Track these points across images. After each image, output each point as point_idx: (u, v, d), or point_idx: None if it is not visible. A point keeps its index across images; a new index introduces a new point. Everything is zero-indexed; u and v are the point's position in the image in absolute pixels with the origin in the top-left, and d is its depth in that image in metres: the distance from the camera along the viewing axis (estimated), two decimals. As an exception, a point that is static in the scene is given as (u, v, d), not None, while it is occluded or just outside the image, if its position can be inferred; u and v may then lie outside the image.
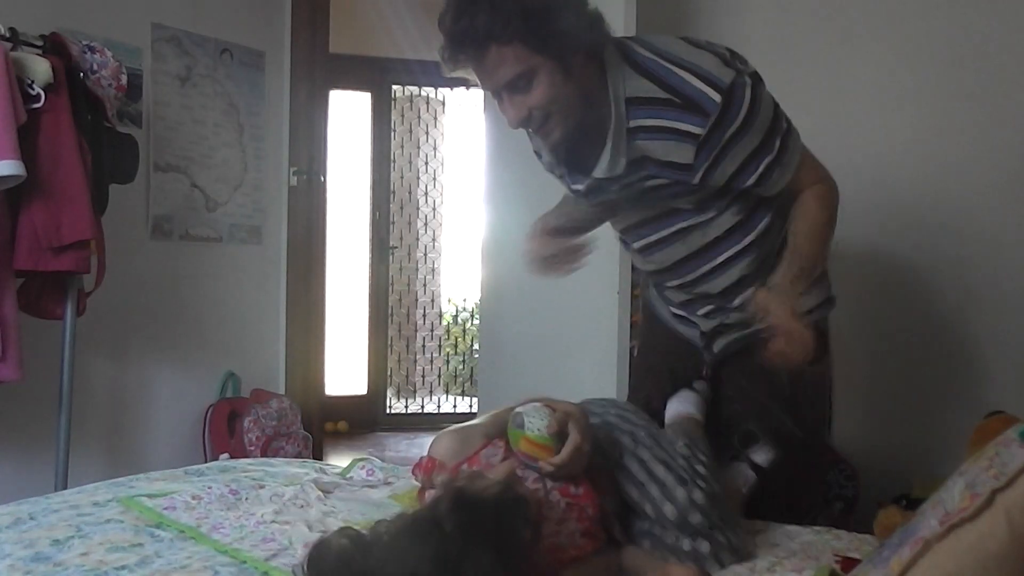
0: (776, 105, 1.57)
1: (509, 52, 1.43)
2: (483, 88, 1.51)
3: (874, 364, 2.78)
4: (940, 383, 2.67)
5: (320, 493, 1.65)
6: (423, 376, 6.01)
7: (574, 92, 1.49)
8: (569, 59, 1.46)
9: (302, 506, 1.58)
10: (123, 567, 1.25)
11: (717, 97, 1.47)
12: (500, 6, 1.40)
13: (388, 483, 1.81)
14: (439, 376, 6.10)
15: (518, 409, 1.36)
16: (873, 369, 2.77)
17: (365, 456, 2.06)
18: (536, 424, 1.32)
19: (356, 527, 1.40)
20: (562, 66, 1.46)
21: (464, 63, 1.47)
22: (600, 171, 1.57)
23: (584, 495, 1.32)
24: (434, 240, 6.02)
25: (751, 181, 1.57)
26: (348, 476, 1.87)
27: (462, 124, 5.89)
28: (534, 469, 1.30)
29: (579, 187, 1.64)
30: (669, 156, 1.53)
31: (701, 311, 1.79)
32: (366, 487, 1.78)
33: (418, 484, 1.40)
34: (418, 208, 5.92)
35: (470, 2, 1.42)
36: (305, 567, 1.04)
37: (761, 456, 1.68)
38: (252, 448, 3.38)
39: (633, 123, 1.52)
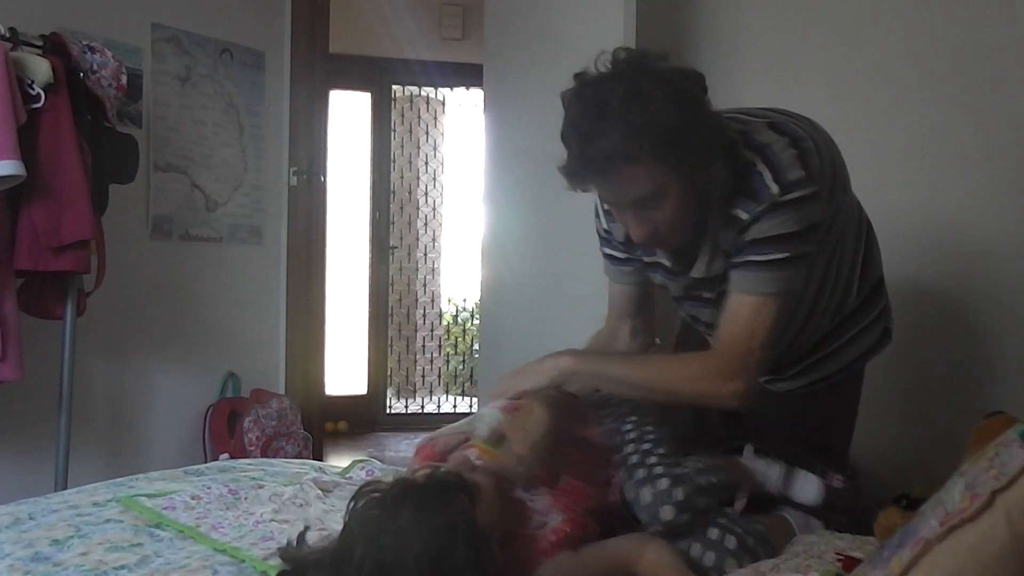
0: (806, 231, 1.45)
1: (642, 171, 1.35)
2: (604, 200, 1.48)
3: (874, 364, 2.77)
4: (940, 383, 2.67)
5: (320, 492, 1.65)
6: (423, 376, 6.01)
7: (698, 205, 1.44)
8: (702, 175, 1.40)
9: (301, 505, 1.58)
10: (122, 567, 1.25)
11: (776, 188, 1.40)
12: (635, 125, 1.30)
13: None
14: (439, 376, 6.10)
15: (481, 411, 1.41)
16: (873, 369, 2.77)
17: (365, 457, 2.06)
18: (481, 431, 1.37)
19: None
20: (695, 180, 1.40)
21: (592, 183, 1.40)
22: (698, 271, 1.52)
23: (559, 496, 1.33)
24: (434, 240, 6.03)
25: (746, 258, 1.45)
26: (348, 476, 1.87)
27: (462, 124, 5.89)
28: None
29: (674, 284, 1.59)
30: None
31: None
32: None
33: None
34: (418, 208, 5.92)
35: (600, 119, 1.33)
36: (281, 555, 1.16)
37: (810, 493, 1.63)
38: (252, 448, 3.38)
39: (745, 257, 1.45)
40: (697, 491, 1.38)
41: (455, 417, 5.94)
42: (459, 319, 6.38)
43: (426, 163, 5.88)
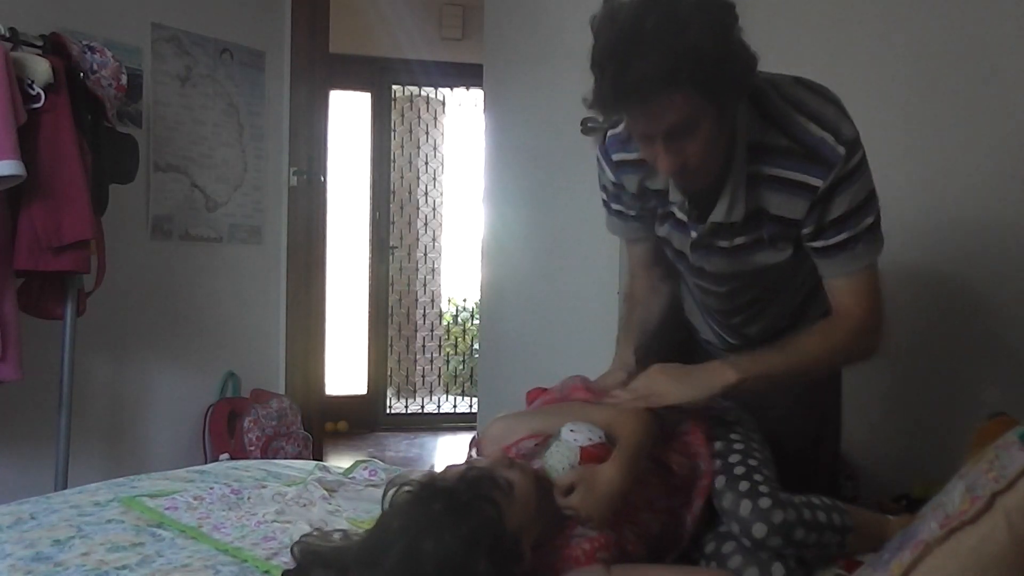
0: (874, 192, 1.47)
1: (680, 98, 1.29)
2: (634, 132, 1.42)
3: (874, 364, 2.77)
4: (940, 383, 2.67)
5: (324, 492, 1.65)
6: (423, 376, 6.01)
7: (727, 139, 1.41)
8: (733, 107, 1.38)
9: (304, 505, 1.58)
10: (124, 567, 1.25)
11: (842, 150, 1.39)
12: (675, 50, 1.26)
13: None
14: (439, 376, 6.10)
15: (566, 432, 1.32)
16: (873, 369, 2.77)
17: (366, 458, 2.06)
18: (552, 463, 1.29)
19: (363, 525, 1.41)
20: (725, 114, 1.37)
21: (626, 110, 1.36)
22: (718, 215, 1.47)
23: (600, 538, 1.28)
24: (434, 240, 6.02)
25: (837, 239, 1.44)
26: (351, 476, 1.87)
27: (462, 124, 5.89)
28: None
29: (693, 234, 1.54)
30: (781, 210, 1.45)
31: (729, 347, 1.73)
32: (369, 487, 1.78)
33: None
34: (418, 208, 5.92)
35: (635, 43, 1.27)
36: (295, 551, 1.15)
37: None
38: (252, 448, 3.38)
39: (752, 169, 1.44)
40: (799, 521, 1.34)
41: (455, 417, 5.94)
42: (459, 319, 6.38)
43: (426, 163, 5.88)
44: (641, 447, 1.35)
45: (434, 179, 5.91)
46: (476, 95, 5.45)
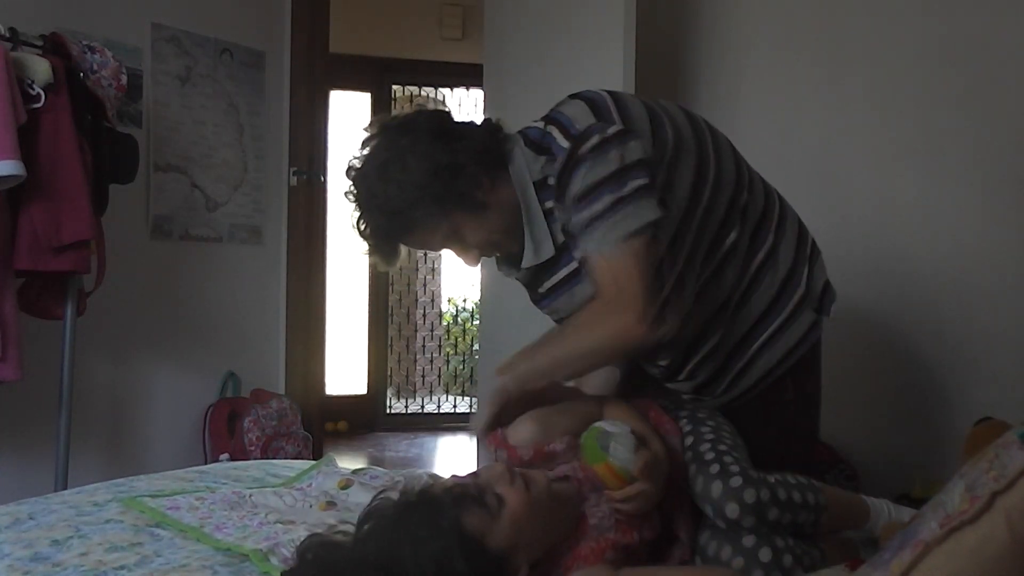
0: (630, 168, 1.43)
1: (421, 229, 1.47)
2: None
3: (874, 364, 2.77)
4: (940, 383, 2.67)
5: (328, 491, 1.65)
6: (423, 376, 6.01)
7: (502, 211, 1.49)
8: (481, 197, 1.46)
9: (310, 506, 1.58)
10: (122, 567, 1.25)
11: (565, 142, 1.45)
12: (385, 206, 1.44)
13: (397, 483, 1.79)
14: (439, 376, 6.10)
15: (607, 427, 1.33)
16: (873, 369, 2.77)
17: (364, 467, 2.04)
18: (622, 455, 1.28)
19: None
20: (480, 207, 1.47)
21: (393, 255, 1.53)
22: (528, 259, 1.54)
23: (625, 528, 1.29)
24: (434, 240, 6.02)
25: (579, 218, 1.44)
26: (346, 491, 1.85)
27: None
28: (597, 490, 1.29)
29: (528, 289, 1.65)
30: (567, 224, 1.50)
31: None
32: (373, 488, 1.77)
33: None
34: (418, 208, 5.91)
35: (365, 210, 1.48)
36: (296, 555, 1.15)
37: None
38: (252, 448, 3.38)
39: (547, 204, 1.49)
40: (772, 500, 1.33)
41: (455, 417, 5.93)
42: (459, 319, 6.38)
43: (426, 163, 5.88)
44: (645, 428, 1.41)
45: (434, 179, 5.91)
46: (476, 95, 5.45)
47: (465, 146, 1.46)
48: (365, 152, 1.49)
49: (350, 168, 1.50)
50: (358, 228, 1.51)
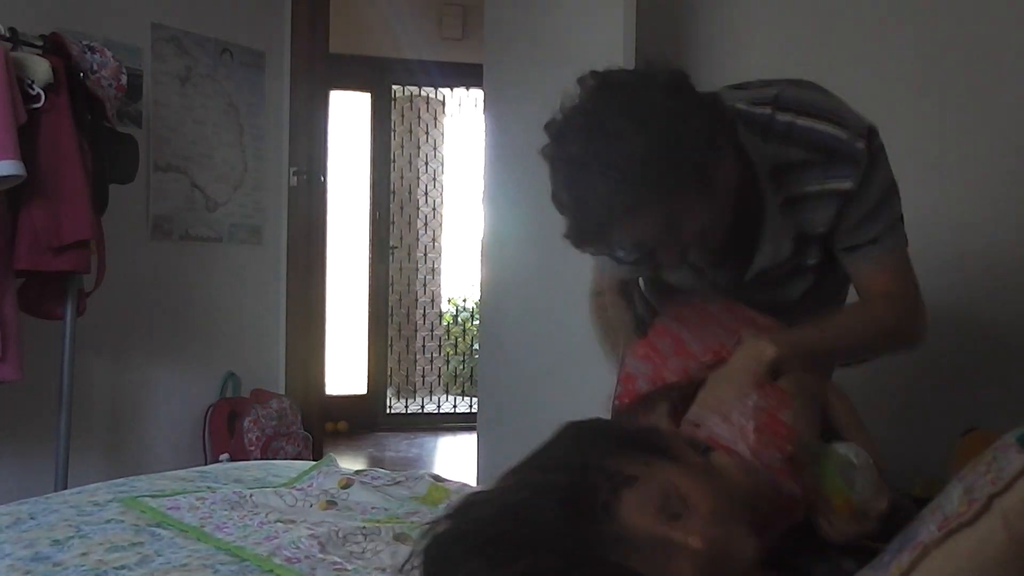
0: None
1: (642, 215, 1.19)
2: (622, 256, 1.30)
3: (874, 364, 2.77)
4: (940, 384, 2.67)
5: (328, 491, 1.65)
6: (423, 376, 6.02)
7: (723, 202, 1.26)
8: (709, 179, 1.21)
9: (311, 506, 1.58)
10: (123, 567, 1.25)
11: (861, 143, 1.31)
12: (613, 177, 1.15)
13: (397, 483, 1.80)
14: (439, 376, 6.10)
15: (851, 456, 1.14)
16: (873, 370, 2.77)
17: (364, 469, 2.04)
18: (868, 494, 1.12)
19: (375, 523, 1.41)
20: (707, 190, 1.21)
21: (598, 243, 1.26)
22: (764, 260, 1.35)
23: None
24: (434, 240, 6.03)
25: (870, 234, 1.35)
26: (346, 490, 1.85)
27: (462, 124, 5.89)
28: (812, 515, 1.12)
29: (721, 283, 1.43)
30: (819, 226, 1.35)
31: None
32: (374, 488, 1.77)
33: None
34: (418, 208, 5.92)
35: (578, 174, 1.19)
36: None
37: None
38: (252, 448, 3.38)
39: (781, 196, 1.32)
40: None
41: (455, 417, 5.94)
42: (459, 319, 6.39)
43: (426, 163, 5.89)
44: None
45: (434, 179, 5.92)
46: (476, 95, 5.46)
47: (710, 114, 1.22)
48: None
49: (555, 134, 1.22)
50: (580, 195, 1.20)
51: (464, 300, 6.36)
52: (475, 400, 4.94)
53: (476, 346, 5.68)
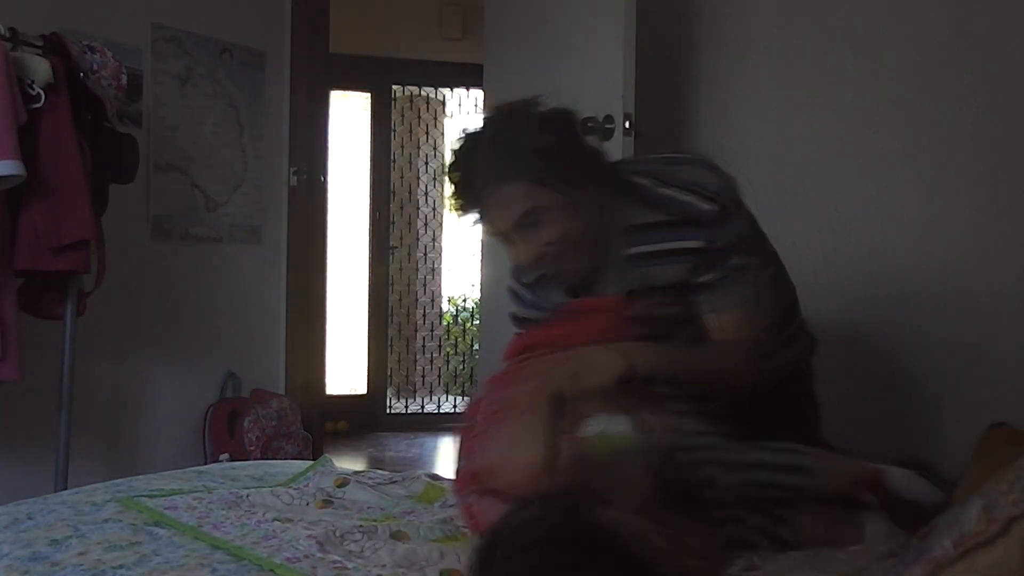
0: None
1: (519, 189, 1.47)
2: (491, 233, 1.56)
3: (874, 365, 2.78)
4: (941, 385, 2.67)
5: (324, 489, 1.65)
6: (423, 376, 6.02)
7: (584, 227, 1.52)
8: (575, 194, 1.50)
9: (307, 504, 1.58)
10: (121, 566, 1.25)
11: (708, 205, 1.51)
12: (508, 147, 1.46)
13: (393, 482, 1.80)
14: (439, 376, 6.10)
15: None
16: (873, 370, 2.78)
17: (362, 470, 2.03)
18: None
19: (374, 522, 1.41)
20: (570, 201, 1.50)
21: (477, 206, 1.52)
22: (599, 291, 1.59)
23: None
24: (434, 240, 6.03)
25: (706, 282, 1.53)
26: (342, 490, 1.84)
27: (462, 124, 5.89)
28: None
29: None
30: (668, 278, 1.54)
31: None
32: (370, 487, 1.77)
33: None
34: (418, 208, 5.92)
35: (470, 151, 1.51)
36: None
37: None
38: (252, 448, 3.38)
39: (634, 251, 1.55)
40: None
41: (455, 417, 5.95)
42: (459, 319, 6.39)
43: (426, 163, 5.89)
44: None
45: (434, 179, 5.92)
46: (476, 95, 5.46)
47: (590, 149, 1.56)
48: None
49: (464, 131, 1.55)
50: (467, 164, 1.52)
51: (464, 300, 6.36)
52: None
53: (476, 346, 5.68)
